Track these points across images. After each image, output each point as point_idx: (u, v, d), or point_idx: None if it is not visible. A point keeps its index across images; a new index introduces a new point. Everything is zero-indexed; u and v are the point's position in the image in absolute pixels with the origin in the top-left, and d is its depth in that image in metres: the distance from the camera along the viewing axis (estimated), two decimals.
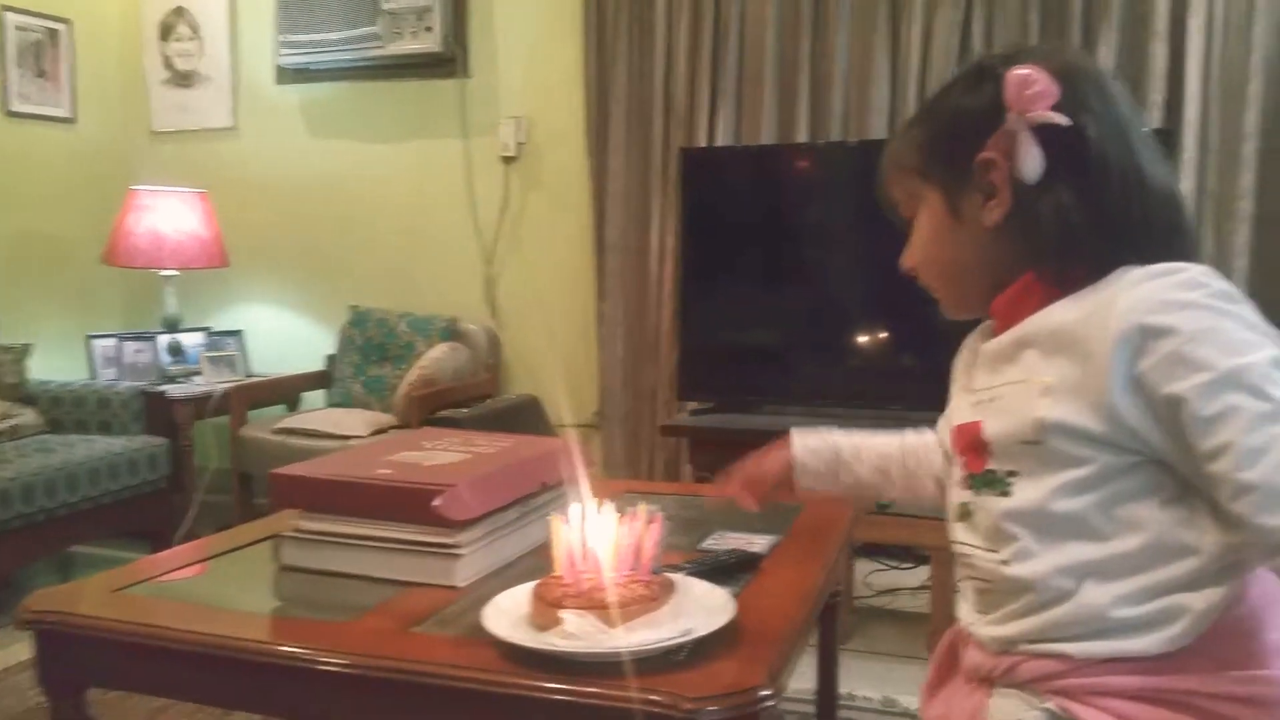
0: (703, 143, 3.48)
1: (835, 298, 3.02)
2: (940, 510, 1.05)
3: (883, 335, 2.96)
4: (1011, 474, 0.90)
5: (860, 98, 3.33)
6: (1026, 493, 0.88)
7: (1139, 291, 0.83)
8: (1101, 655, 0.85)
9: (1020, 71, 0.89)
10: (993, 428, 0.92)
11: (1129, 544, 0.85)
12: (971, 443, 0.94)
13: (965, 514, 0.97)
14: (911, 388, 2.90)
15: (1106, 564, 0.85)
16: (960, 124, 0.95)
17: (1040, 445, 0.87)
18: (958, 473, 0.98)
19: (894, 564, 3.29)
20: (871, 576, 3.19)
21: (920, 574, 3.11)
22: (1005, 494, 0.90)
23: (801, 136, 3.38)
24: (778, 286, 3.08)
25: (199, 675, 1.08)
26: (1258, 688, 0.83)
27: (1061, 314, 0.88)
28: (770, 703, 0.92)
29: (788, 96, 3.43)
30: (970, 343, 1.04)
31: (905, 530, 2.65)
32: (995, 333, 0.96)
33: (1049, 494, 0.87)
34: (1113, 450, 0.84)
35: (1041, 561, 0.87)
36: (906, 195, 1.01)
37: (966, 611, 0.99)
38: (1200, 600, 0.83)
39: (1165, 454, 0.83)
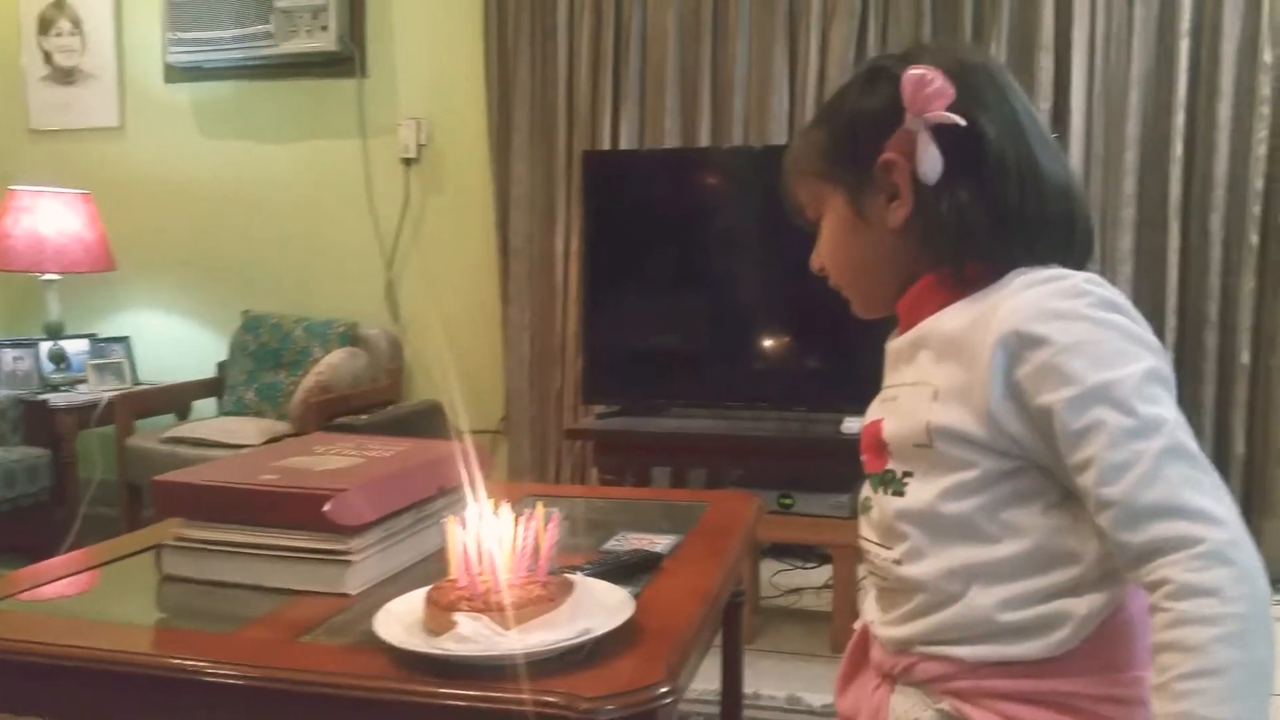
0: (606, 146, 3.48)
1: (739, 300, 3.05)
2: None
3: (786, 338, 2.99)
4: (907, 474, 0.91)
5: (760, 104, 3.37)
6: (918, 494, 0.89)
7: (1020, 299, 0.84)
8: (989, 659, 0.86)
9: (915, 71, 0.88)
10: (890, 428, 0.92)
11: (1013, 549, 0.85)
12: (872, 442, 0.95)
13: (866, 509, 0.97)
14: (815, 390, 2.94)
15: (992, 568, 0.86)
16: (859, 126, 0.94)
17: (930, 448, 0.88)
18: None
19: (798, 564, 3.33)
20: (776, 577, 3.22)
21: (824, 573, 3.15)
22: (900, 494, 0.91)
23: (704, 141, 3.41)
24: (682, 289, 3.10)
25: (77, 692, 1.03)
26: (1138, 689, 0.83)
27: (951, 319, 0.89)
28: (668, 700, 0.91)
29: (690, 102, 3.45)
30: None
31: (808, 530, 2.68)
32: (899, 332, 0.97)
33: (937, 496, 0.87)
34: (995, 455, 0.85)
35: (931, 563, 0.88)
36: (811, 198, 1.00)
37: (870, 608, 0.99)
38: (1083, 605, 0.84)
39: (1044, 460, 0.84)
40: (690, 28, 3.43)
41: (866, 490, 0.97)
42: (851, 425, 2.65)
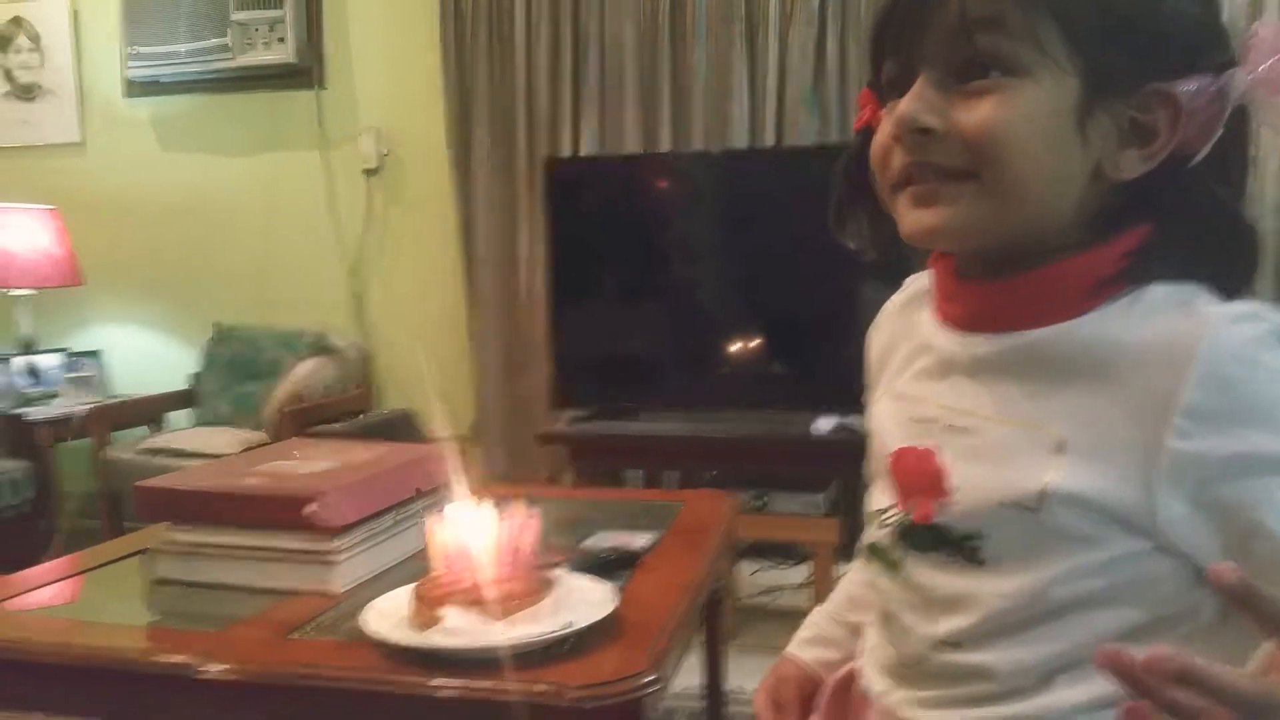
0: (567, 152, 3.50)
1: (704, 302, 3.07)
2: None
3: (754, 339, 3.02)
4: (973, 538, 0.70)
5: (720, 110, 3.40)
6: (1010, 572, 0.68)
7: (1226, 334, 0.62)
8: None
9: (1274, 32, 0.65)
10: (962, 473, 0.71)
11: (1118, 638, 0.65)
12: (920, 480, 0.74)
13: (884, 558, 0.78)
14: (782, 392, 2.96)
15: (1085, 655, 0.64)
16: (1176, 29, 0.66)
17: (1034, 513, 0.66)
18: (888, 504, 0.78)
19: (776, 562, 3.36)
20: (755, 576, 3.25)
21: (801, 571, 3.18)
22: (975, 561, 0.70)
23: (664, 147, 3.43)
24: (647, 293, 3.12)
25: (71, 690, 1.04)
26: None
27: (1106, 329, 0.66)
28: (654, 688, 0.93)
29: (650, 108, 3.47)
30: (895, 313, 0.82)
31: (785, 528, 2.71)
32: (963, 319, 0.73)
33: (1042, 579, 0.67)
34: (1134, 534, 0.64)
35: (1005, 651, 0.69)
36: (1022, 40, 0.65)
37: (876, 675, 0.81)
38: None
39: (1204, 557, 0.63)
40: (648, 35, 3.46)
41: (884, 536, 0.77)
42: (821, 426, 2.68)
